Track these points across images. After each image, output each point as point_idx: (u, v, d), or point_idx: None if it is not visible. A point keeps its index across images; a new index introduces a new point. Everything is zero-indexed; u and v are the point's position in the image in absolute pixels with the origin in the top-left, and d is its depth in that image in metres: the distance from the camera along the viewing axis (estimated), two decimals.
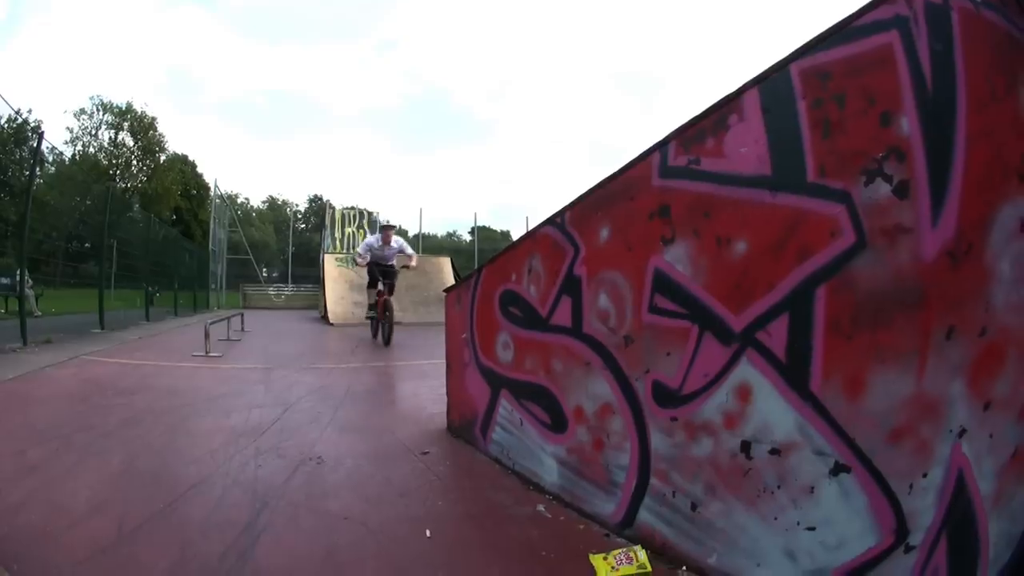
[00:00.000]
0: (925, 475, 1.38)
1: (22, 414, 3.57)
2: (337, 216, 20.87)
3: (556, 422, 2.39)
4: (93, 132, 40.28)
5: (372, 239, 8.55)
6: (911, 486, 1.39)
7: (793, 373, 1.57)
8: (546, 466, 2.44)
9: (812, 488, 1.54)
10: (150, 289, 12.71)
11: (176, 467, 2.63)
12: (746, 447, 1.69)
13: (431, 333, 7.91)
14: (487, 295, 2.93)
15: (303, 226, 44.56)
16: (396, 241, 8.60)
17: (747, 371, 1.68)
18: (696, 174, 1.79)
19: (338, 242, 20.13)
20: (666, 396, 1.89)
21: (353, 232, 20.63)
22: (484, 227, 29.52)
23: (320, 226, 25.31)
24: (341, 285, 14.93)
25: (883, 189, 1.41)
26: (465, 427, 3.18)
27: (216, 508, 2.17)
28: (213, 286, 21.16)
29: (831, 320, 1.50)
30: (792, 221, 1.56)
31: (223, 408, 3.85)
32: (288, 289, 22.87)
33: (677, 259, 1.82)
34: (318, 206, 42.06)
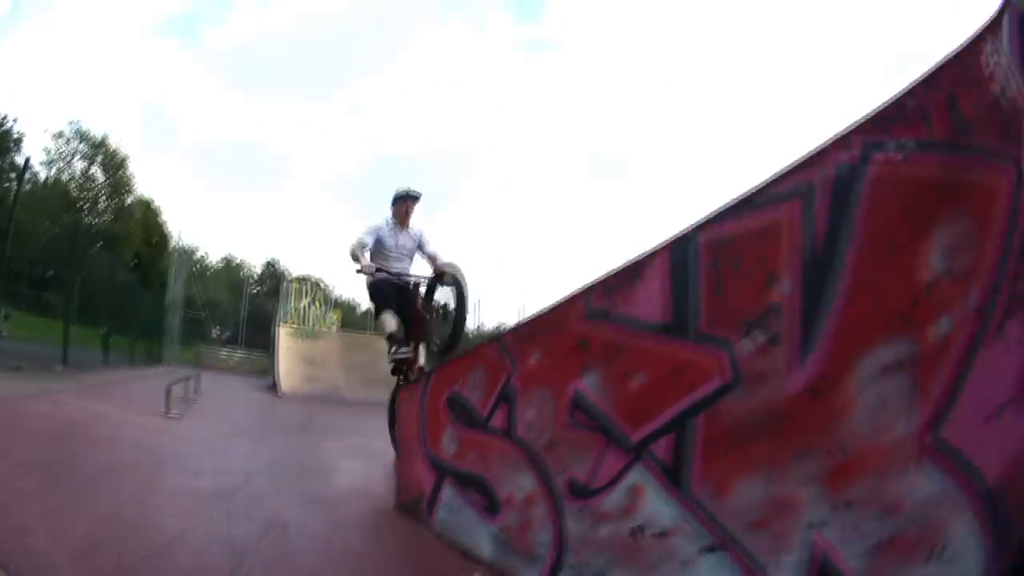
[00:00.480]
0: (789, 554, 1.78)
1: (8, 443, 3.87)
2: (293, 289, 21.24)
3: (491, 506, 2.88)
4: (68, 159, 39.59)
5: (380, 223, 5.13)
6: (776, 562, 1.79)
7: (676, 477, 2.09)
8: (483, 541, 2.90)
9: (690, 562, 2.00)
10: (106, 332, 12.72)
11: (158, 519, 2.97)
12: (639, 531, 2.20)
13: (379, 412, 8.08)
14: (436, 396, 3.45)
15: (258, 288, 44.05)
16: (415, 231, 5.19)
17: (641, 474, 2.21)
18: (612, 317, 2.36)
19: (291, 314, 20.37)
20: (578, 490, 2.43)
21: (307, 304, 20.95)
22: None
23: (274, 291, 25.63)
24: (292, 357, 15.47)
25: (759, 339, 1.87)
26: (413, 504, 3.61)
27: (201, 557, 2.55)
28: (168, 339, 20.86)
29: (708, 439, 2.02)
30: (683, 362, 2.09)
31: (191, 470, 4.16)
32: (240, 352, 22.67)
33: (592, 383, 2.41)
34: (273, 270, 41.90)
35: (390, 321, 4.79)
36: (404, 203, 5.12)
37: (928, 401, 1.69)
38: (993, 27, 1.70)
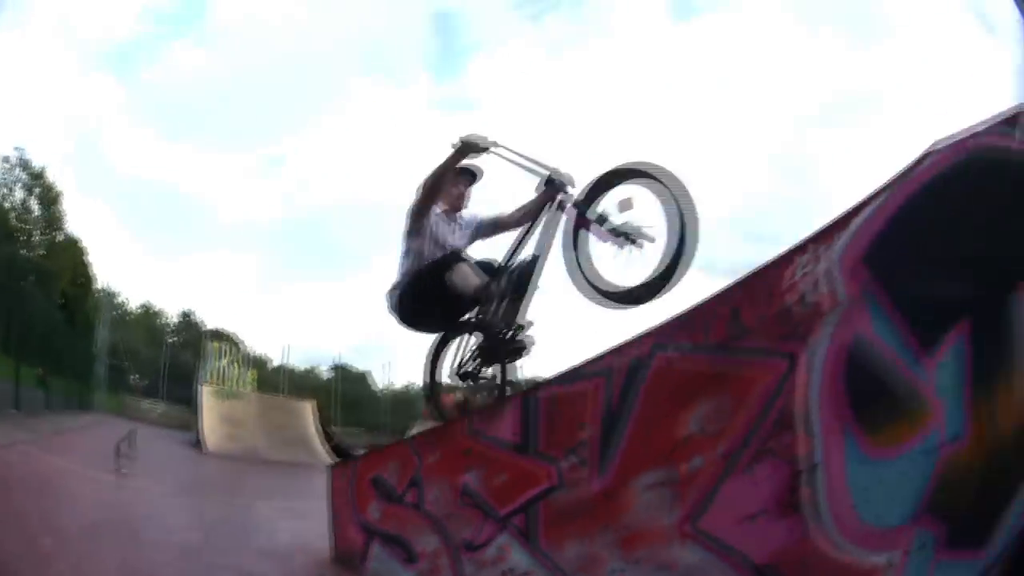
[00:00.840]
0: None
1: (14, 501, 4.62)
2: (213, 349, 21.64)
3: (410, 557, 3.99)
4: (10, 187, 37.41)
5: (436, 211, 3.82)
6: None
7: (529, 539, 3.31)
8: None
9: None
10: (43, 373, 12.87)
11: (159, 569, 3.91)
12: (508, 572, 3.35)
13: (300, 473, 8.72)
14: (363, 475, 4.54)
15: (175, 339, 42.38)
16: (469, 217, 4.04)
17: (507, 536, 3.43)
18: (483, 435, 3.64)
19: (212, 373, 20.89)
20: (469, 545, 3.62)
21: (227, 364, 21.39)
22: (345, 366, 30.05)
23: (191, 342, 25.94)
24: (214, 416, 16.27)
25: (573, 460, 3.06)
26: (348, 558, 4.59)
27: None
28: (96, 385, 20.54)
29: (547, 518, 3.23)
30: (527, 469, 3.37)
31: (162, 527, 5.06)
32: (162, 404, 22.45)
33: (473, 478, 3.63)
34: (189, 320, 40.73)
35: (469, 276, 3.56)
36: (460, 185, 3.80)
37: (684, 506, 2.66)
38: (838, 226, 2.28)
